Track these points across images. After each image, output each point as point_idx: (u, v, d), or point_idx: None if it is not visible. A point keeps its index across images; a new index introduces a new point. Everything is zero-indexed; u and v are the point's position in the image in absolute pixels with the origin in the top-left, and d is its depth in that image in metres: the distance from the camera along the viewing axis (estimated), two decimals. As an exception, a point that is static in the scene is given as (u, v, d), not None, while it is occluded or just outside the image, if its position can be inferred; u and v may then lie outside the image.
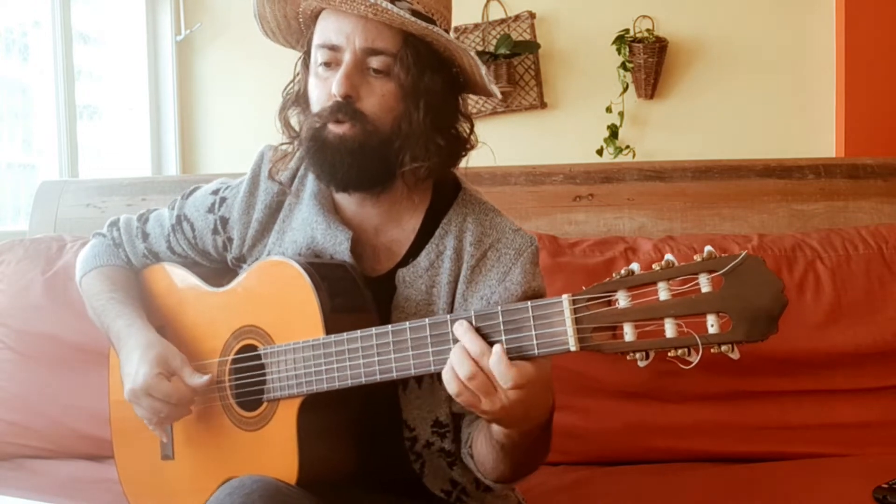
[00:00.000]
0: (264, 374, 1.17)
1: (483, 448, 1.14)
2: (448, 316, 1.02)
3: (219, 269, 1.37)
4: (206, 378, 1.21)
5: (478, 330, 0.99)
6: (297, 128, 1.23)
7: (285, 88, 1.26)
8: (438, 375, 1.06)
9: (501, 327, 0.97)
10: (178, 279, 1.37)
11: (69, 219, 2.12)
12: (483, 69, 1.16)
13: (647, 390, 1.76)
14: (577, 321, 0.92)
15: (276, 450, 1.14)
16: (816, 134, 3.27)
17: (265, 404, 1.17)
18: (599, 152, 3.32)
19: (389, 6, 1.09)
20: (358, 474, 1.19)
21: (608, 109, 3.31)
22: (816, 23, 3.27)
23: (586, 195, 2.03)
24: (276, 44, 1.30)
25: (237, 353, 1.23)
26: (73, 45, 2.82)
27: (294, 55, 1.28)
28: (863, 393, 1.75)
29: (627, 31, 3.30)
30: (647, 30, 3.30)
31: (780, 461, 1.71)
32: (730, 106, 3.32)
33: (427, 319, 1.04)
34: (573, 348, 0.92)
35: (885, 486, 1.45)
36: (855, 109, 3.18)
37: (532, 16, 3.39)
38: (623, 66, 3.30)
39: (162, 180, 2.50)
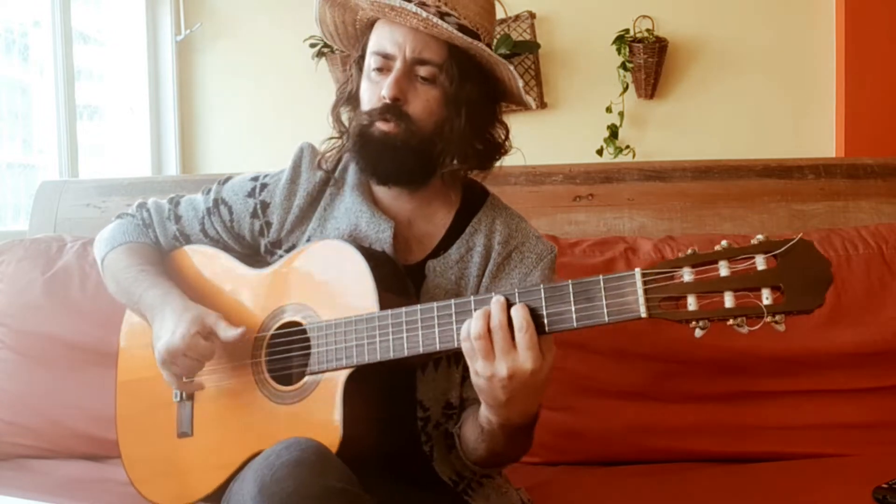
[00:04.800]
0: (308, 349, 1.21)
1: (467, 427, 1.23)
2: (494, 294, 1.09)
3: (248, 255, 1.41)
4: (239, 330, 1.24)
5: (546, 301, 1.06)
6: (346, 124, 1.33)
7: (339, 87, 1.36)
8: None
9: (571, 298, 1.05)
10: (211, 260, 1.40)
11: (69, 219, 2.12)
12: (520, 82, 1.28)
13: (647, 390, 1.76)
14: (647, 291, 1.00)
15: (318, 422, 1.17)
16: (816, 134, 3.27)
17: (306, 378, 1.21)
18: (599, 152, 3.32)
19: (438, 21, 1.19)
20: (384, 452, 1.22)
21: (608, 109, 3.31)
22: (816, 23, 3.27)
23: (586, 195, 2.03)
24: (333, 44, 1.39)
25: (279, 328, 1.26)
26: (73, 45, 2.82)
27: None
28: (863, 393, 1.75)
29: (627, 31, 3.29)
30: (647, 30, 3.30)
31: (780, 461, 1.71)
32: (730, 106, 3.32)
33: (472, 297, 1.12)
34: (643, 315, 1.00)
35: (885, 486, 1.44)
36: (855, 109, 3.18)
37: (532, 16, 3.38)
38: (623, 66, 3.30)
39: (162, 180, 2.50)
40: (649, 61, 3.25)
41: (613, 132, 3.31)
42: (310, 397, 1.20)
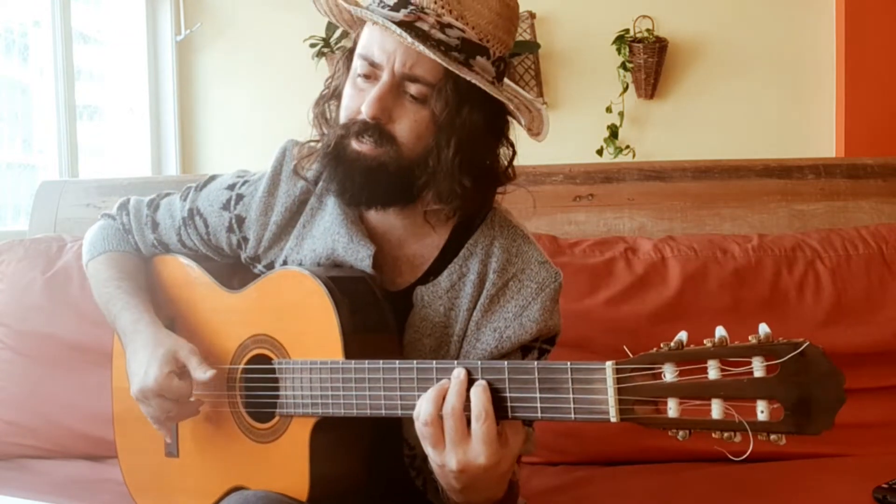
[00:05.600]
0: (277, 388, 1.13)
1: None
2: (479, 363, 0.98)
3: (231, 265, 1.34)
4: (210, 372, 1.15)
5: (510, 382, 0.95)
6: (330, 123, 1.18)
7: (325, 82, 1.20)
8: None
9: (537, 384, 0.93)
10: (191, 274, 1.33)
11: (69, 219, 2.11)
12: (523, 120, 1.12)
13: (647, 390, 1.76)
14: (619, 391, 0.88)
15: (287, 466, 1.12)
16: (816, 134, 3.27)
17: (277, 418, 1.14)
18: (599, 152, 3.32)
19: (424, 49, 1.03)
20: (365, 492, 1.17)
21: (608, 109, 3.31)
22: (816, 23, 3.28)
23: (586, 195, 2.03)
24: (330, 20, 1.22)
25: (249, 361, 1.20)
26: (73, 45, 2.82)
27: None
28: (863, 393, 1.75)
29: (627, 31, 3.30)
30: (647, 30, 3.30)
31: (780, 461, 1.71)
32: (729, 106, 3.32)
33: (456, 362, 1.00)
34: (613, 419, 0.88)
35: (885, 486, 1.44)
36: (855, 109, 3.18)
37: (532, 16, 3.39)
38: (623, 66, 3.31)
39: (162, 180, 2.50)
40: (649, 61, 3.25)
41: (613, 132, 3.32)
42: (281, 439, 1.13)
